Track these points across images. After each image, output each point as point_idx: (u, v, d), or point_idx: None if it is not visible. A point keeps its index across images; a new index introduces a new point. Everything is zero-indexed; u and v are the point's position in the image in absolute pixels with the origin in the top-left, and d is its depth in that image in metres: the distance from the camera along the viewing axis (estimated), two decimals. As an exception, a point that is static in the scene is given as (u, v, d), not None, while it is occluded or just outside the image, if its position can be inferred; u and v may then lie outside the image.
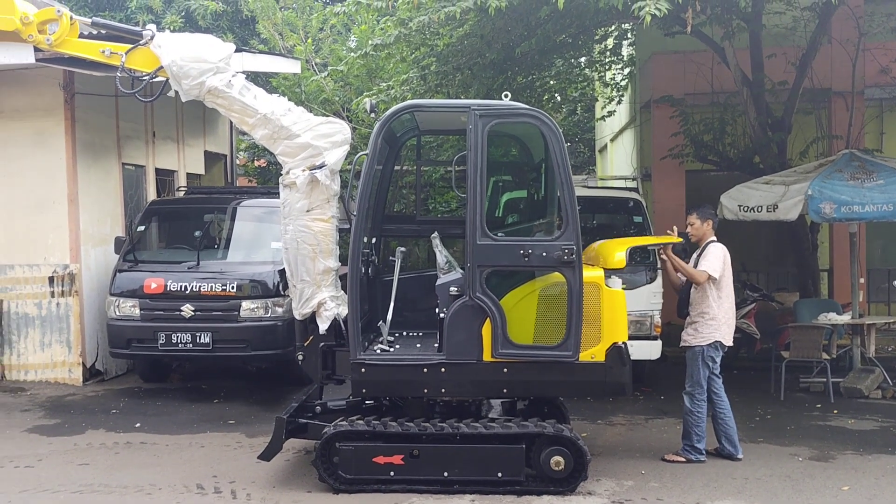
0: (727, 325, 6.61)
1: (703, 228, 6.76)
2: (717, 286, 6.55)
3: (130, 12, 17.42)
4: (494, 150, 6.79)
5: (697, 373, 6.57)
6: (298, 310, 6.20)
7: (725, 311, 6.60)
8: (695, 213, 6.83)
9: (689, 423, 6.60)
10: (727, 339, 6.62)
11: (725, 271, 6.61)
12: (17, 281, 9.54)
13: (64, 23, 6.07)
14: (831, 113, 11.93)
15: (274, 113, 6.03)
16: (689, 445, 6.59)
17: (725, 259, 6.60)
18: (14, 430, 7.64)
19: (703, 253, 6.66)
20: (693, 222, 6.79)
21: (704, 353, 6.55)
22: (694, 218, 6.81)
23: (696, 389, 6.57)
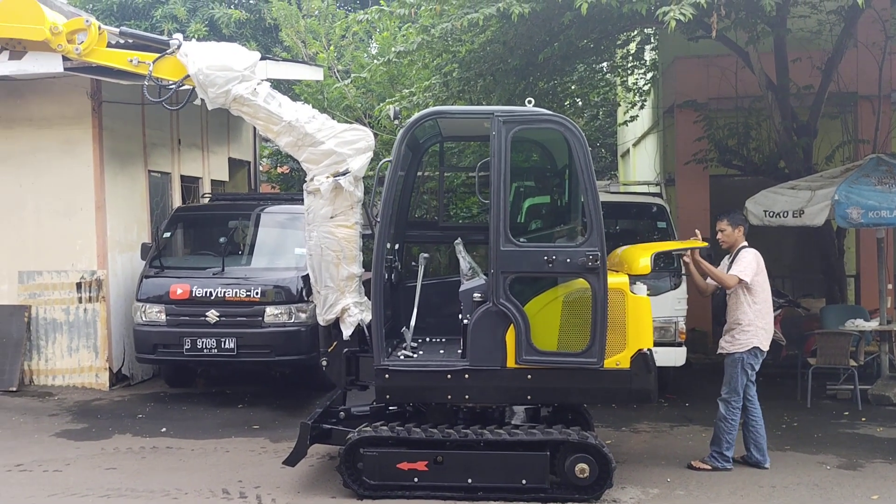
0: (765, 331, 6.53)
1: (735, 235, 6.67)
2: (751, 292, 6.47)
3: (155, 21, 17.63)
4: (516, 156, 6.79)
5: (735, 380, 6.50)
6: (322, 315, 6.22)
7: (763, 317, 6.51)
8: (725, 220, 6.73)
9: (720, 430, 6.53)
10: (765, 344, 6.54)
11: (759, 276, 6.51)
12: (45, 287, 9.66)
13: (92, 32, 6.14)
14: (858, 117, 11.80)
15: (298, 120, 6.06)
16: (718, 452, 6.53)
17: (759, 264, 6.52)
18: (42, 434, 7.74)
19: (736, 258, 6.58)
20: (724, 228, 6.70)
21: (744, 360, 6.49)
22: (724, 224, 6.71)
23: (732, 396, 6.50)
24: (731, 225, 6.68)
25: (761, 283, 6.53)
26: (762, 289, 6.53)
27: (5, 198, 9.76)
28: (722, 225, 6.73)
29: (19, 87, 9.59)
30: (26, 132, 9.73)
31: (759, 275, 6.51)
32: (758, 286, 6.50)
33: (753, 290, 6.47)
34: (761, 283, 6.53)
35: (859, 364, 8.79)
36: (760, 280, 6.52)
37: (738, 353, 6.49)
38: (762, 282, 6.54)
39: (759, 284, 6.50)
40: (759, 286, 6.50)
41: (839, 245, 10.74)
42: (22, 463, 6.80)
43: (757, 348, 6.49)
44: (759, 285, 6.50)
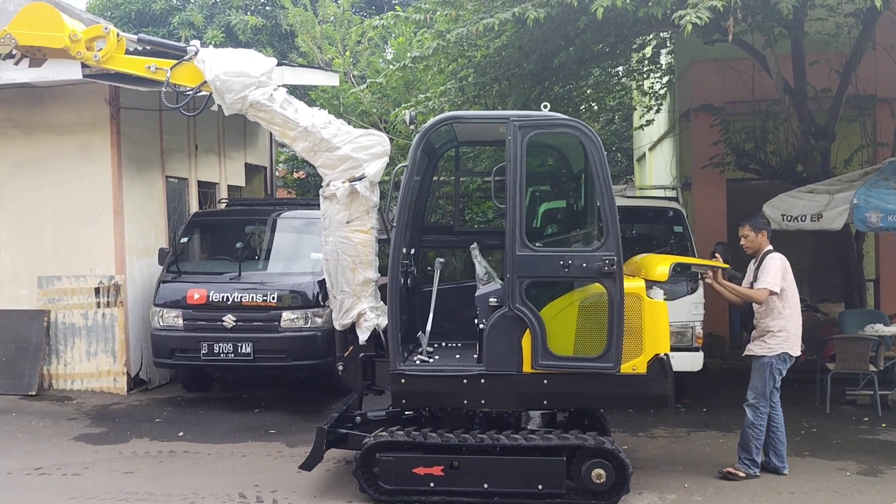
0: (795, 336, 6.46)
1: (759, 240, 6.58)
2: (780, 298, 6.38)
3: (173, 28, 17.79)
4: (532, 161, 6.78)
5: (763, 384, 6.43)
6: (338, 320, 6.24)
7: (794, 322, 6.44)
8: (747, 225, 6.62)
9: (749, 436, 6.44)
10: (795, 349, 6.46)
11: (787, 282, 6.43)
12: (64, 292, 9.74)
13: (111, 40, 6.20)
14: (876, 120, 11.70)
15: (314, 126, 6.09)
16: (749, 459, 6.43)
17: (785, 269, 6.43)
18: (61, 438, 7.80)
19: (761, 266, 6.47)
20: (746, 234, 6.61)
21: (773, 365, 6.41)
22: (747, 230, 6.61)
23: (760, 402, 6.43)
24: (753, 230, 6.58)
25: (790, 289, 6.45)
26: (791, 294, 6.45)
27: (25, 203, 9.86)
28: (744, 230, 6.63)
29: (39, 94, 9.70)
30: (46, 139, 9.83)
31: (787, 280, 6.42)
32: (787, 292, 6.41)
33: (783, 296, 6.39)
34: (790, 289, 6.45)
35: (879, 369, 8.69)
36: (789, 285, 6.44)
37: (768, 357, 6.40)
38: (790, 287, 6.46)
39: (787, 290, 6.42)
40: (787, 292, 6.42)
41: (858, 249, 10.66)
42: (41, 466, 6.86)
43: (787, 353, 6.41)
44: (787, 291, 6.42)
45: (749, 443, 6.44)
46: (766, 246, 6.58)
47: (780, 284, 6.36)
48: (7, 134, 9.94)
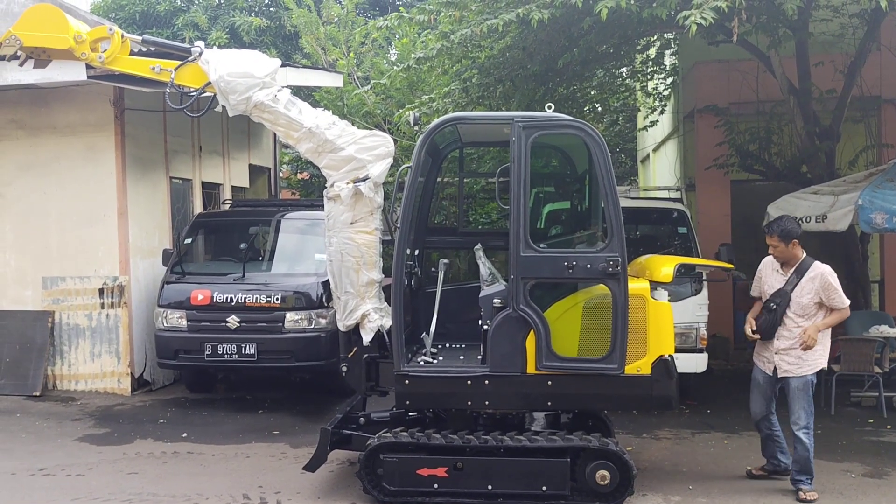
0: (828, 350, 6.26)
1: (790, 250, 6.17)
2: (822, 308, 6.14)
3: (177, 29, 17.83)
4: (536, 162, 6.77)
5: (809, 404, 6.09)
6: (342, 321, 6.24)
7: (827, 335, 6.22)
8: (776, 235, 6.15)
9: (807, 460, 6.05)
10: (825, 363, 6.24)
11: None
12: (68, 293, 9.76)
13: (115, 41, 6.21)
14: (881, 121, 11.68)
15: (318, 126, 6.09)
16: (810, 478, 6.11)
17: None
18: (65, 438, 7.81)
19: (820, 280, 6.07)
20: (776, 245, 6.18)
21: (812, 383, 6.14)
22: (776, 240, 6.16)
23: (810, 421, 6.08)
24: (783, 240, 6.13)
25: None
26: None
27: (29, 204, 9.88)
28: (773, 241, 6.19)
29: (43, 95, 9.72)
30: (50, 140, 9.84)
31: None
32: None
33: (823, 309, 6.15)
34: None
35: (884, 371, 8.68)
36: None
37: (807, 375, 6.11)
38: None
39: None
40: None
41: (863, 250, 10.63)
42: (45, 467, 6.86)
43: (822, 368, 6.20)
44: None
45: (809, 466, 6.07)
46: (800, 254, 6.20)
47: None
48: (12, 135, 9.95)
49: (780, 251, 6.19)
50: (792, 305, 6.12)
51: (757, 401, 6.44)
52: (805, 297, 6.09)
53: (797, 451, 6.08)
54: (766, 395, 6.36)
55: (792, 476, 6.14)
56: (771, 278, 6.32)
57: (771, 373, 6.28)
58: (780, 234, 6.12)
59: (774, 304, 6.17)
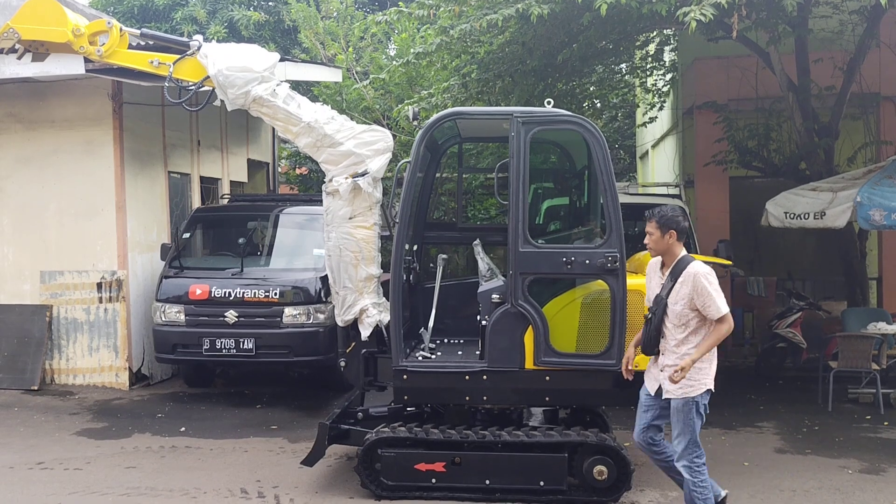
0: (714, 368, 5.12)
1: (665, 242, 5.09)
2: (703, 320, 5.04)
3: (175, 23, 17.78)
4: (535, 157, 6.78)
5: (693, 430, 5.06)
6: (341, 316, 6.24)
7: (714, 352, 5.10)
8: (654, 220, 5.11)
9: (695, 497, 5.07)
10: (712, 384, 5.11)
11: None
12: (66, 287, 9.75)
13: (114, 34, 6.19)
14: (880, 118, 11.68)
15: (317, 121, 6.08)
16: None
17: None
18: (63, 432, 7.80)
19: (684, 278, 5.00)
20: (651, 232, 5.12)
21: (699, 404, 5.06)
22: (653, 226, 5.10)
23: (694, 453, 5.08)
24: (660, 228, 5.08)
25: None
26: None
27: (28, 198, 9.87)
28: (650, 226, 5.13)
29: (41, 88, 9.70)
30: (48, 133, 9.83)
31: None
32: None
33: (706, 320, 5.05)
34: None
35: (881, 367, 8.68)
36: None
37: (690, 396, 5.03)
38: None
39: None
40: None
41: (861, 247, 10.64)
42: (43, 461, 6.86)
43: (710, 389, 5.10)
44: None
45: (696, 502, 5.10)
46: (677, 251, 5.12)
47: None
48: (10, 129, 9.93)
49: (655, 241, 5.10)
50: (669, 314, 5.05)
51: (637, 424, 5.35)
52: (679, 303, 5.00)
53: (685, 488, 5.14)
54: (645, 417, 5.29)
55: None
56: (653, 282, 5.28)
57: (654, 392, 5.22)
58: (658, 219, 5.09)
59: (651, 314, 5.16)
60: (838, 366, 8.66)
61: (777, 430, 7.83)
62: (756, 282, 11.89)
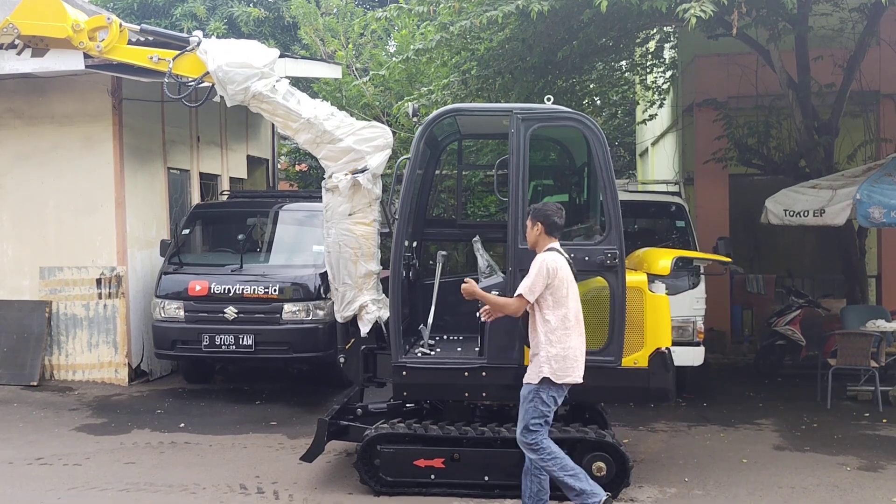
0: (561, 359, 5.05)
1: (533, 234, 5.21)
2: (541, 309, 5.08)
3: (175, 19, 17.77)
4: (535, 154, 6.78)
5: (528, 414, 5.11)
6: (340, 313, 6.24)
7: (558, 341, 5.05)
8: (530, 213, 5.25)
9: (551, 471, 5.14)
10: (561, 376, 5.06)
11: (553, 290, 5.04)
12: (65, 283, 9.75)
13: (114, 30, 6.19)
14: (880, 116, 11.66)
15: (317, 117, 6.08)
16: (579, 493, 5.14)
17: (552, 272, 5.02)
18: (63, 428, 7.81)
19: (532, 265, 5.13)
20: (527, 223, 5.26)
21: (536, 393, 5.10)
22: (529, 219, 5.23)
23: (532, 437, 5.10)
24: (532, 219, 5.19)
25: (557, 298, 5.05)
26: (558, 304, 5.06)
27: (27, 194, 9.86)
28: (528, 220, 5.26)
29: (41, 84, 9.69)
30: (48, 129, 9.82)
31: (554, 288, 5.04)
32: (550, 302, 5.06)
33: (542, 308, 5.08)
34: (557, 298, 5.05)
35: (880, 365, 8.69)
36: (556, 294, 5.05)
37: (531, 384, 5.13)
38: (559, 296, 5.05)
39: (551, 300, 5.05)
40: (551, 302, 5.06)
41: (860, 245, 10.65)
42: (42, 456, 6.87)
43: (548, 379, 5.06)
44: (551, 301, 5.05)
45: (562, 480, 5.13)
46: (545, 244, 5.15)
47: (542, 293, 5.04)
48: (9, 125, 9.93)
49: (528, 233, 5.25)
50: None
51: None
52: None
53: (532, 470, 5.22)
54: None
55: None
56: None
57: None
58: (532, 212, 5.23)
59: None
60: (837, 363, 8.67)
61: (776, 428, 7.85)
62: (755, 279, 11.90)
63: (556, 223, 5.19)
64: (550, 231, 5.18)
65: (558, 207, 5.28)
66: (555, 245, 5.20)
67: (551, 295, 5.07)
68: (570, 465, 5.17)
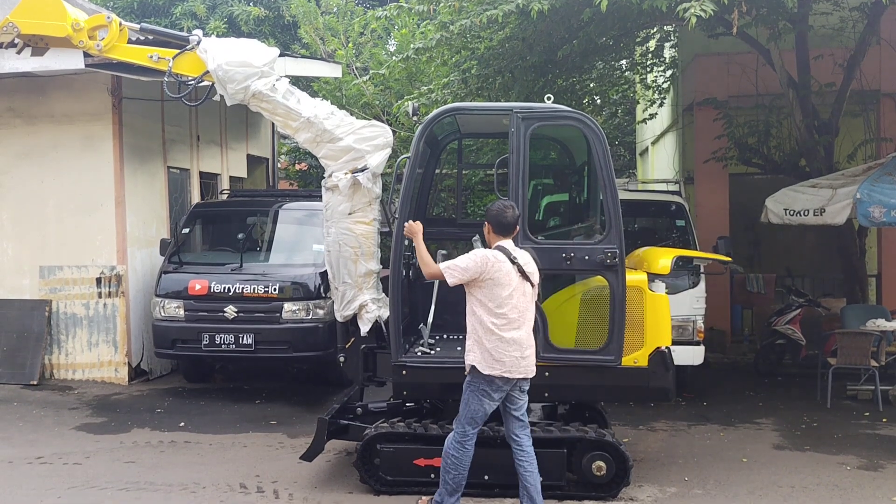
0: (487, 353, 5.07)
1: (486, 233, 5.34)
2: (473, 296, 5.13)
3: (175, 18, 17.76)
4: (535, 154, 6.77)
5: (466, 406, 5.21)
6: (340, 312, 6.24)
7: (486, 334, 5.07)
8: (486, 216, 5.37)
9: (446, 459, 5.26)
10: (487, 368, 5.07)
11: (485, 285, 5.05)
12: (65, 282, 9.74)
13: (113, 29, 6.17)
14: (880, 115, 11.66)
15: (317, 116, 6.07)
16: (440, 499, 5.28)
17: (482, 264, 5.04)
18: (63, 427, 7.81)
19: None
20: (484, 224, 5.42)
21: (471, 384, 5.20)
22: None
23: (464, 430, 5.21)
24: (486, 219, 5.34)
25: (493, 298, 5.05)
26: (487, 298, 5.06)
27: (27, 193, 9.86)
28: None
29: (41, 83, 9.68)
30: (47, 128, 9.81)
31: (488, 286, 5.05)
32: (482, 298, 5.08)
33: (474, 296, 5.12)
34: (493, 298, 5.05)
35: (880, 364, 8.69)
36: (492, 293, 5.05)
37: (466, 374, 5.23)
38: (495, 296, 5.04)
39: (484, 297, 5.07)
40: (484, 299, 5.07)
41: (860, 244, 10.65)
42: (42, 455, 6.87)
43: (475, 368, 5.11)
44: (483, 298, 5.07)
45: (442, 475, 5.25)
46: (493, 242, 5.25)
47: (463, 278, 5.07)
48: (9, 124, 9.92)
49: (486, 232, 5.37)
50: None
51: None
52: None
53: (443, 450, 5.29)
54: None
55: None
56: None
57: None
58: (487, 213, 5.34)
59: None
60: (837, 362, 8.67)
61: (776, 427, 7.85)
62: (755, 278, 11.91)
63: (501, 222, 5.21)
64: (498, 230, 5.22)
65: (504, 206, 5.26)
66: (503, 243, 5.20)
67: (484, 292, 5.07)
68: (460, 484, 5.22)
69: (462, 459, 5.23)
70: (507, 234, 5.24)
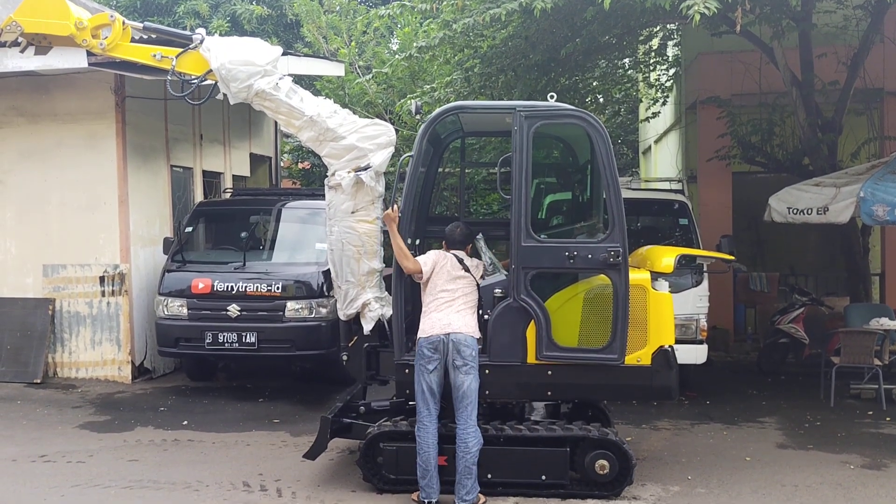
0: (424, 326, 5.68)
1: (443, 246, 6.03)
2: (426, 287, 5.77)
3: (178, 17, 17.77)
4: (538, 152, 6.76)
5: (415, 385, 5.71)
6: (343, 310, 6.24)
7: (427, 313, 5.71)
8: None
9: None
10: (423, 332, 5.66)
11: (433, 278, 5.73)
12: (69, 280, 9.76)
13: (117, 28, 6.17)
14: (884, 113, 11.65)
15: (320, 115, 6.07)
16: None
17: (438, 263, 5.75)
18: (66, 425, 7.82)
19: None
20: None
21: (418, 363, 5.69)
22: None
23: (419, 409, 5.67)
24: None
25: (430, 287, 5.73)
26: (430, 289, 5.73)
27: (30, 192, 9.87)
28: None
29: (44, 82, 9.70)
30: (51, 127, 9.83)
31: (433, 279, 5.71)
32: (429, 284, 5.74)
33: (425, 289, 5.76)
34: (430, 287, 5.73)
35: (884, 363, 8.68)
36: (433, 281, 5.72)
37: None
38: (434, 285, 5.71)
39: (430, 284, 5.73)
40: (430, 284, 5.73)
41: (864, 243, 10.63)
42: (46, 454, 6.88)
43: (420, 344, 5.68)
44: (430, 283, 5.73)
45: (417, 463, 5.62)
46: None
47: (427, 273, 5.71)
48: (12, 122, 9.94)
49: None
50: None
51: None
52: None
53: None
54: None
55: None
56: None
57: None
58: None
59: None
60: (840, 361, 8.66)
61: (779, 426, 7.84)
62: (759, 277, 11.89)
63: (452, 238, 5.96)
64: (451, 245, 5.93)
65: (453, 227, 6.04)
66: (455, 252, 5.88)
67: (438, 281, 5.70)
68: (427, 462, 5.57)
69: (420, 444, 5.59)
70: (460, 246, 5.95)
